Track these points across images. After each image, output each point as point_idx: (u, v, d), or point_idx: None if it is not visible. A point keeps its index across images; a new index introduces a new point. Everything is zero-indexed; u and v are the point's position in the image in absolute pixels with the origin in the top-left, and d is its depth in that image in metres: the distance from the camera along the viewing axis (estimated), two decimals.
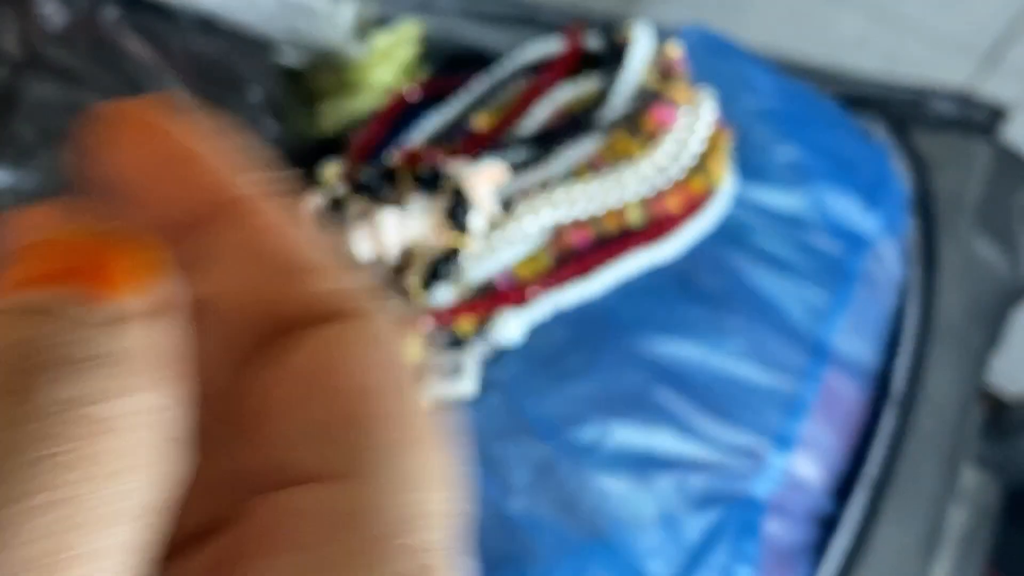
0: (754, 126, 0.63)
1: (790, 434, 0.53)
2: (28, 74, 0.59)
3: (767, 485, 0.52)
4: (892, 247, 0.63)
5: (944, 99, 0.80)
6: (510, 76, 0.65)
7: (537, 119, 0.61)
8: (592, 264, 0.55)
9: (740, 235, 0.59)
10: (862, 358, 0.59)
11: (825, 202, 0.61)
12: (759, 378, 0.54)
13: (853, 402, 0.58)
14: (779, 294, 0.57)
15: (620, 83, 0.60)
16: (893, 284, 0.62)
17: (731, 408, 0.53)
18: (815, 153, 0.62)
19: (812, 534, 0.55)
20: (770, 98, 0.64)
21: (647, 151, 0.59)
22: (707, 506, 0.51)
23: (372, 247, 0.54)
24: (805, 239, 0.60)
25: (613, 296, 0.55)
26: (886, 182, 0.64)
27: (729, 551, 0.51)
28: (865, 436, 0.57)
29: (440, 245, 0.54)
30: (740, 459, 0.52)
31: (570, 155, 0.58)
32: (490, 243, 0.56)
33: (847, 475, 0.56)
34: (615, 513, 0.50)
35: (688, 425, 0.52)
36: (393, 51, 0.77)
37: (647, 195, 0.58)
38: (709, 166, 0.59)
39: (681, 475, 0.51)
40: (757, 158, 0.61)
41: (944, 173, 0.69)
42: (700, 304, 0.55)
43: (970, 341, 0.63)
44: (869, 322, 0.60)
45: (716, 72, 0.65)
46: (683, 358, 0.53)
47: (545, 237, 0.57)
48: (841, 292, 0.59)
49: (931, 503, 0.57)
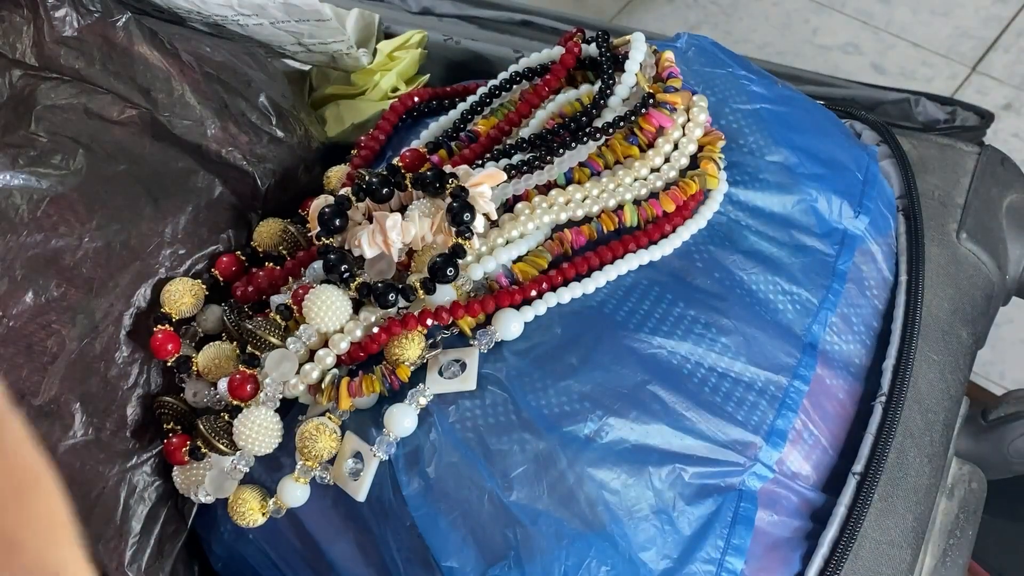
0: (746, 130, 0.63)
1: (782, 429, 0.54)
2: (42, 79, 0.59)
3: (759, 479, 0.53)
4: (880, 247, 0.63)
5: (932, 104, 0.81)
6: (510, 82, 0.66)
7: (536, 124, 0.62)
8: (590, 264, 0.56)
9: (732, 235, 0.59)
10: (851, 355, 0.59)
11: (815, 203, 0.62)
12: (751, 375, 0.54)
13: (843, 398, 0.58)
14: (770, 293, 0.57)
15: (617, 89, 0.61)
16: (882, 283, 0.63)
17: (724, 404, 0.53)
18: (805, 156, 0.63)
19: (803, 527, 0.55)
20: (761, 103, 0.65)
21: (643, 154, 0.59)
22: (701, 499, 0.51)
23: (376, 248, 0.55)
24: (796, 239, 0.60)
25: (610, 295, 0.55)
26: (874, 184, 0.65)
27: (722, 543, 0.51)
28: (855, 431, 0.58)
29: (441, 246, 0.55)
30: (733, 453, 0.52)
31: (568, 158, 0.59)
32: (490, 244, 0.56)
33: (837, 469, 0.56)
34: (612, 505, 0.50)
35: (682, 420, 0.52)
36: (397, 58, 0.78)
37: (643, 197, 0.59)
38: (702, 168, 0.60)
39: (676, 469, 0.51)
40: (749, 161, 0.62)
41: (931, 175, 0.69)
42: (694, 303, 0.55)
43: (957, 339, 0.63)
44: (858, 320, 0.60)
45: (709, 78, 0.66)
46: (678, 355, 0.53)
47: (544, 238, 0.58)
48: (831, 291, 0.59)
49: (920, 496, 0.57)
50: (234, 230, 0.62)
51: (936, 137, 0.73)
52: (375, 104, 0.75)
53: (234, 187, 0.62)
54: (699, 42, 0.68)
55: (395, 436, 0.51)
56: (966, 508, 0.63)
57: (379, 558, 0.52)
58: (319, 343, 0.55)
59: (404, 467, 0.51)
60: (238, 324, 0.57)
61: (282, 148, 0.65)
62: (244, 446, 0.53)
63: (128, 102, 0.60)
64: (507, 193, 0.58)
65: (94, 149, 0.59)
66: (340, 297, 0.54)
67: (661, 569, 0.50)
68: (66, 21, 0.60)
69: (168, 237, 0.59)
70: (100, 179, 0.58)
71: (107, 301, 0.57)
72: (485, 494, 0.50)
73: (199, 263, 0.60)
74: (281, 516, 0.54)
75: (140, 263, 0.58)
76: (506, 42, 0.86)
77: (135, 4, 0.66)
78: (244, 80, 0.64)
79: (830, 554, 0.54)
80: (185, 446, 0.55)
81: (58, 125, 0.58)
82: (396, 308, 0.54)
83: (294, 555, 0.55)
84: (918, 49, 1.46)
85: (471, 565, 0.50)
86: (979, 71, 1.44)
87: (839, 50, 1.46)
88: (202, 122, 0.62)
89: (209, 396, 0.57)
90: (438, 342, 0.54)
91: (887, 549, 0.55)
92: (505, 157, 0.60)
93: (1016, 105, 1.40)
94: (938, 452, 0.60)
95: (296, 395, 0.54)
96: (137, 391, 0.57)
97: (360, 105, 0.75)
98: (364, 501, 0.52)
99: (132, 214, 0.58)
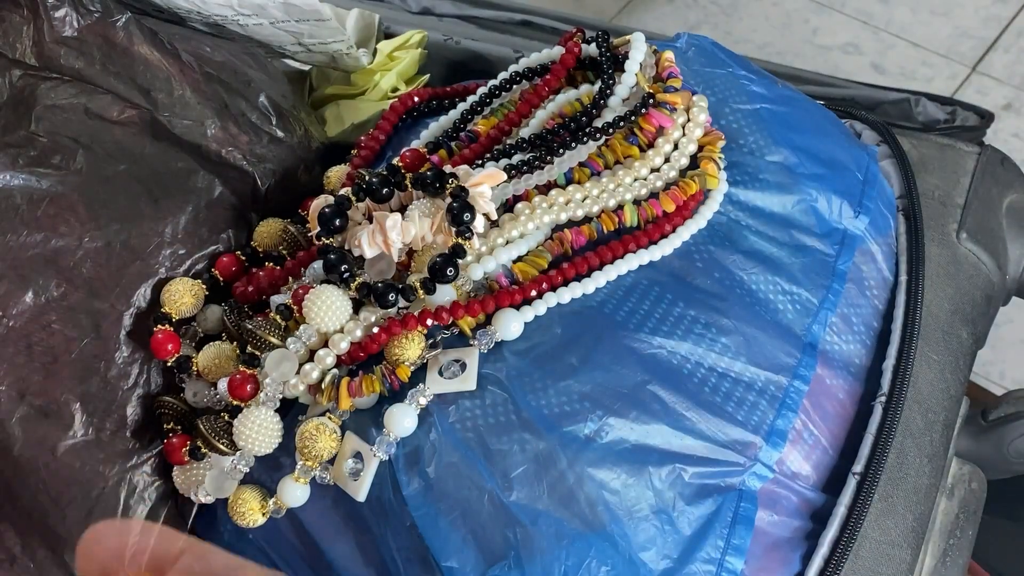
0: (746, 130, 0.63)
1: (782, 429, 0.54)
2: (42, 79, 0.59)
3: (759, 479, 0.53)
4: (880, 247, 0.63)
5: (932, 104, 0.81)
6: (510, 82, 0.66)
7: (536, 124, 0.62)
8: (590, 264, 0.56)
9: (732, 235, 0.59)
10: (851, 355, 0.59)
11: (815, 203, 0.62)
12: (751, 375, 0.54)
13: (843, 398, 0.58)
14: (770, 293, 0.57)
15: (617, 89, 0.61)
16: (881, 283, 0.63)
17: (724, 404, 0.53)
18: (805, 156, 0.63)
19: (803, 527, 0.55)
20: (761, 103, 0.65)
21: (643, 155, 0.59)
22: (701, 499, 0.51)
23: (376, 248, 0.55)
24: (796, 239, 0.60)
25: (610, 295, 0.55)
26: (874, 184, 0.65)
27: (722, 543, 0.51)
28: (855, 431, 0.58)
29: (441, 246, 0.55)
30: (733, 454, 0.52)
31: (568, 158, 0.59)
32: (490, 244, 0.56)
33: (837, 469, 0.57)
34: (612, 505, 0.50)
35: (682, 420, 0.52)
36: (397, 58, 0.78)
37: (643, 197, 0.59)
38: (702, 168, 0.60)
39: (676, 469, 0.51)
40: (749, 161, 0.62)
41: (931, 175, 0.70)
42: (694, 303, 0.55)
43: (957, 339, 0.63)
44: (858, 320, 0.60)
45: (709, 78, 0.66)
46: (678, 355, 0.53)
47: (544, 238, 0.58)
48: (831, 291, 0.59)
49: (920, 496, 0.57)
50: (234, 230, 0.62)
51: (936, 137, 0.74)
52: (375, 104, 0.75)
53: (234, 187, 0.62)
54: (699, 42, 0.68)
55: (395, 436, 0.51)
56: (966, 508, 0.63)
57: (379, 558, 0.52)
58: (319, 343, 0.55)
59: (404, 467, 0.51)
60: (238, 324, 0.58)
61: (282, 148, 0.65)
62: (244, 446, 0.53)
63: (128, 102, 0.60)
64: (507, 193, 0.58)
65: (94, 149, 0.59)
66: (340, 297, 0.54)
67: (661, 569, 0.50)
68: (66, 21, 0.60)
69: (168, 237, 0.59)
70: (100, 179, 0.58)
71: (107, 301, 0.57)
72: (485, 494, 0.50)
73: (199, 263, 0.60)
74: (281, 516, 0.54)
75: (140, 263, 0.58)
76: (506, 42, 0.86)
77: (135, 4, 0.66)
78: (244, 80, 0.65)
79: (830, 554, 0.54)
80: (185, 446, 0.55)
81: (58, 125, 0.58)
82: (396, 308, 0.54)
83: (294, 555, 0.55)
84: (918, 49, 1.46)
85: (471, 565, 0.50)
86: (979, 71, 1.44)
87: (839, 50, 1.46)
88: (202, 122, 0.62)
89: (209, 396, 0.57)
90: (438, 342, 0.54)
91: (887, 549, 0.55)
92: (505, 157, 0.60)
93: (1016, 105, 1.40)
94: (938, 452, 0.60)
95: (296, 395, 0.54)
96: (137, 391, 0.57)
97: (360, 105, 0.75)
98: (364, 501, 0.52)
99: (132, 214, 0.58)
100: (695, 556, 0.51)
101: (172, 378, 0.58)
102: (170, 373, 0.58)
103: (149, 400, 0.58)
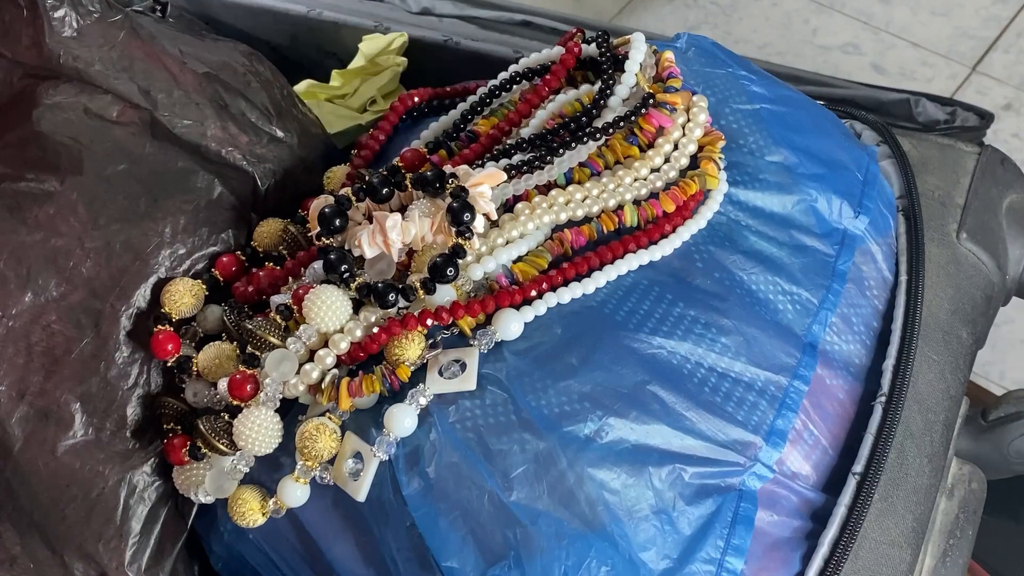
0: (746, 130, 0.63)
1: (782, 429, 0.54)
2: (42, 79, 0.59)
3: (759, 479, 0.53)
4: (880, 247, 0.63)
5: (932, 104, 0.81)
6: (510, 82, 0.66)
7: (536, 124, 0.62)
8: (590, 264, 0.56)
9: (732, 235, 0.59)
10: (851, 355, 0.59)
11: (815, 203, 0.62)
12: (751, 375, 0.54)
13: (843, 398, 0.58)
14: (770, 293, 0.57)
15: (617, 89, 0.61)
16: (881, 283, 0.63)
17: (724, 404, 0.53)
18: (805, 156, 0.63)
19: (803, 527, 0.55)
20: (761, 103, 0.65)
21: (643, 155, 0.59)
22: (701, 499, 0.51)
23: (376, 248, 0.55)
24: (796, 239, 0.60)
25: (610, 295, 0.55)
26: (874, 184, 0.65)
27: (722, 543, 0.51)
28: (855, 431, 0.58)
29: (441, 246, 0.55)
30: (733, 454, 0.52)
31: (568, 158, 0.59)
32: (490, 244, 0.56)
33: (837, 469, 0.56)
34: (612, 505, 0.50)
35: (682, 420, 0.52)
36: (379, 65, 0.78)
37: (643, 197, 0.59)
38: (702, 168, 0.60)
39: (676, 469, 0.51)
40: (749, 161, 0.62)
41: (931, 175, 0.70)
42: (694, 303, 0.55)
43: (957, 339, 0.63)
44: (858, 320, 0.60)
45: (709, 78, 0.66)
46: (677, 355, 0.53)
47: (544, 238, 0.58)
48: (831, 291, 0.59)
49: (920, 497, 0.57)
50: (234, 230, 0.62)
51: (936, 137, 0.74)
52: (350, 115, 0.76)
53: (234, 187, 0.62)
54: (699, 42, 0.68)
55: (395, 436, 0.51)
56: (966, 508, 0.63)
57: (379, 558, 0.52)
58: (319, 343, 0.55)
59: (404, 467, 0.51)
60: (238, 324, 0.58)
61: (282, 148, 0.65)
62: (244, 446, 0.53)
63: (128, 102, 0.60)
64: (507, 193, 0.58)
65: (94, 149, 0.59)
66: (340, 297, 0.54)
67: (661, 569, 0.50)
68: (66, 21, 0.60)
69: (168, 237, 0.59)
70: (100, 179, 0.58)
71: (107, 301, 0.57)
72: (485, 494, 0.50)
73: (199, 263, 0.60)
74: (281, 516, 0.54)
75: (140, 263, 0.58)
76: (506, 42, 0.86)
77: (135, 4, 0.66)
78: (244, 80, 0.65)
79: (830, 554, 0.54)
80: (185, 446, 0.55)
81: (58, 125, 0.58)
82: (396, 308, 0.54)
83: (294, 555, 0.55)
84: (918, 49, 1.46)
85: (471, 565, 0.50)
86: (979, 71, 1.44)
87: (839, 50, 1.47)
88: (202, 122, 0.62)
89: (209, 396, 0.57)
90: (438, 342, 0.54)
91: (887, 549, 0.55)
92: (505, 157, 0.60)
93: (1016, 105, 1.40)
94: (938, 452, 0.60)
95: (296, 395, 0.54)
96: (137, 391, 0.57)
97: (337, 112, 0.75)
98: (364, 501, 0.52)
99: (132, 214, 0.58)
100: (695, 556, 0.51)
101: (172, 378, 0.58)
102: (170, 373, 0.58)
103: (149, 400, 0.58)
